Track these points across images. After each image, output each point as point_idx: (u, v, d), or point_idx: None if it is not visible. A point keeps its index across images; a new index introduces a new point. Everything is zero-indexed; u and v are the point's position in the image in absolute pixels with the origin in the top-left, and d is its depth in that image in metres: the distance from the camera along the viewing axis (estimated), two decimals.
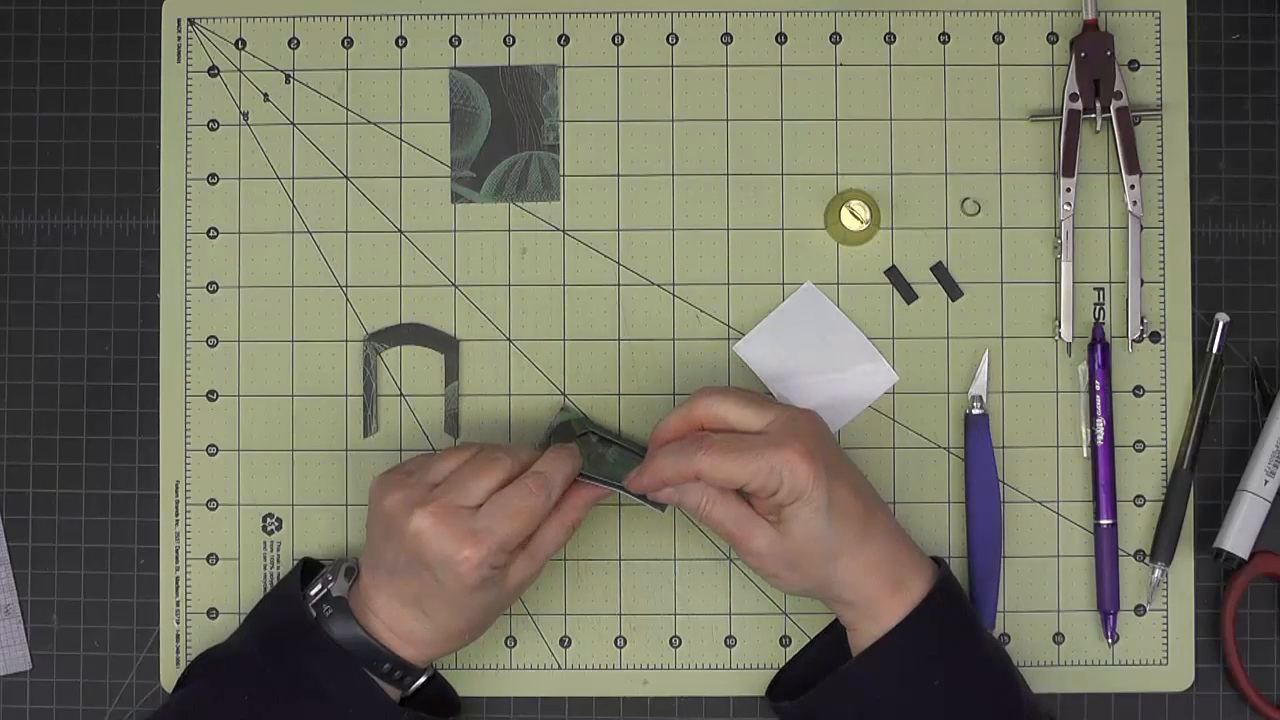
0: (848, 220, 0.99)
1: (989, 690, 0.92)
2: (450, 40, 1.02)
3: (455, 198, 1.01)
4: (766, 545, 0.90)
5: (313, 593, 0.93)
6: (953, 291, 1.01)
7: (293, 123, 1.02)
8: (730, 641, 1.00)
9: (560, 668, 1.01)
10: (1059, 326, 1.00)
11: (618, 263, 1.01)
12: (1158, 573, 0.99)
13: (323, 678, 0.91)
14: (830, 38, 1.01)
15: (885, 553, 0.90)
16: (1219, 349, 1.00)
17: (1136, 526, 1.00)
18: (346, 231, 1.01)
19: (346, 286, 1.01)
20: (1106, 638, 1.00)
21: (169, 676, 1.00)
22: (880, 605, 0.90)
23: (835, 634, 0.98)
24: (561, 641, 1.01)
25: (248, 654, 0.93)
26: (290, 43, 1.02)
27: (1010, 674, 0.93)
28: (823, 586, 0.91)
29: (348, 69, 1.02)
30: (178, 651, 1.00)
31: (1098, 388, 0.99)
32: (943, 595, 0.91)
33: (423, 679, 0.94)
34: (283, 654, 0.92)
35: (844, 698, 0.91)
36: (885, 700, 0.90)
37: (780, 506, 0.89)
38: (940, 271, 1.01)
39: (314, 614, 0.92)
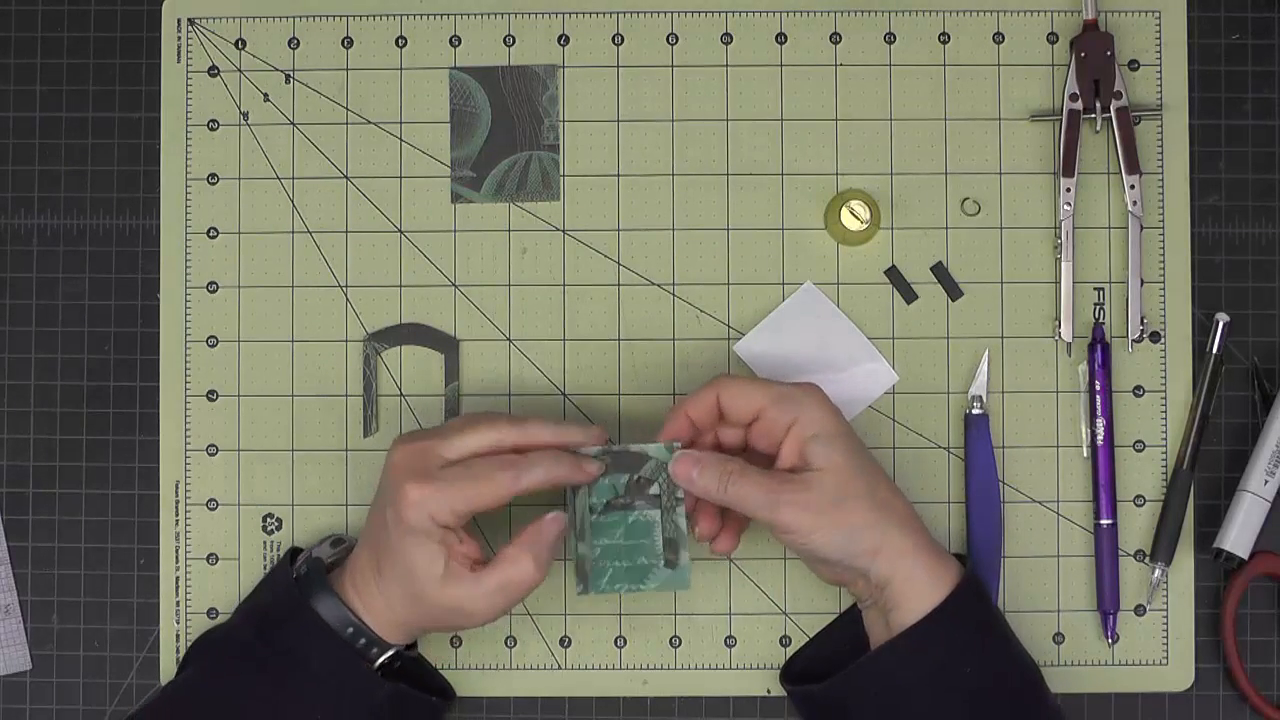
0: (848, 220, 0.99)
1: (1015, 684, 0.91)
2: (450, 40, 1.02)
3: (455, 198, 1.01)
4: (799, 493, 0.89)
5: (299, 560, 0.95)
6: (953, 291, 1.01)
7: (293, 123, 1.02)
8: (730, 641, 1.00)
9: (560, 668, 1.00)
10: (1059, 326, 1.00)
11: (618, 263, 1.01)
12: (1158, 573, 0.99)
13: (305, 647, 0.91)
14: (830, 38, 1.01)
15: (923, 539, 0.91)
16: (1219, 349, 0.99)
17: (1136, 526, 1.00)
18: (346, 231, 1.01)
19: (346, 286, 1.01)
20: (1106, 638, 1.00)
21: (169, 676, 1.00)
22: (921, 586, 0.89)
23: (842, 630, 0.98)
24: (561, 641, 1.01)
25: (242, 635, 0.94)
26: (290, 43, 1.02)
27: (1034, 667, 0.93)
28: (867, 536, 0.89)
29: (348, 69, 1.02)
30: (178, 652, 1.00)
31: (1098, 388, 0.99)
32: (973, 585, 0.91)
33: (389, 653, 0.92)
34: (271, 628, 0.92)
35: (876, 680, 0.90)
36: (916, 684, 0.89)
37: (802, 442, 0.89)
38: (940, 271, 1.01)
39: (294, 575, 0.92)
